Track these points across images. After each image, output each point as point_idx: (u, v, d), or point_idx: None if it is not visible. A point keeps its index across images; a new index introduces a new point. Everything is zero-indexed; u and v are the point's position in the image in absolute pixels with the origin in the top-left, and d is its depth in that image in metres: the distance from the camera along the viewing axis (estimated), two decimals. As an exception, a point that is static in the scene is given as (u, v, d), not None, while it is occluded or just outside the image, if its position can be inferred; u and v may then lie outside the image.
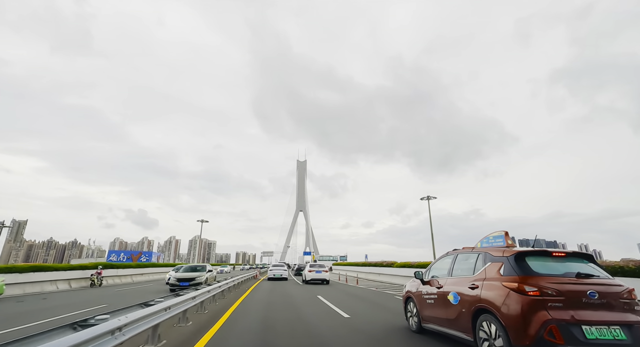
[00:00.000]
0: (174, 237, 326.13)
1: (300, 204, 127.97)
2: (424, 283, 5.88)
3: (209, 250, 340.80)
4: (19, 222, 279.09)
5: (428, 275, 5.91)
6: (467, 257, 5.01)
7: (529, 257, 4.00)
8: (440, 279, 5.43)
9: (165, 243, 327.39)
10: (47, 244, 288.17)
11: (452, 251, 5.56)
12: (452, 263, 5.23)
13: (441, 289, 5.14)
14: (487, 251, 4.52)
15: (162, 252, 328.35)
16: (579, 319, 3.38)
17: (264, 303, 10.25)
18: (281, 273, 24.05)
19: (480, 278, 4.30)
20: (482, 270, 4.36)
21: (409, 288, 6.49)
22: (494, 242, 4.93)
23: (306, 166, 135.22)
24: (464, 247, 5.40)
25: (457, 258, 5.18)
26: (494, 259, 4.27)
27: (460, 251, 5.24)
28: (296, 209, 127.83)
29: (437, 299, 5.25)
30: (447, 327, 4.92)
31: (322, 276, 19.75)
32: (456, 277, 4.96)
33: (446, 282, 5.10)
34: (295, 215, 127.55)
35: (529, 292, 3.60)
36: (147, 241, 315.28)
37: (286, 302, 10.45)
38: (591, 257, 4.06)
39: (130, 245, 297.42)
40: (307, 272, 20.28)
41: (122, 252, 59.52)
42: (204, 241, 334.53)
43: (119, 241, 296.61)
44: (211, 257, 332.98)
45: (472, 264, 4.71)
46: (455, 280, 4.92)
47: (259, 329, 6.27)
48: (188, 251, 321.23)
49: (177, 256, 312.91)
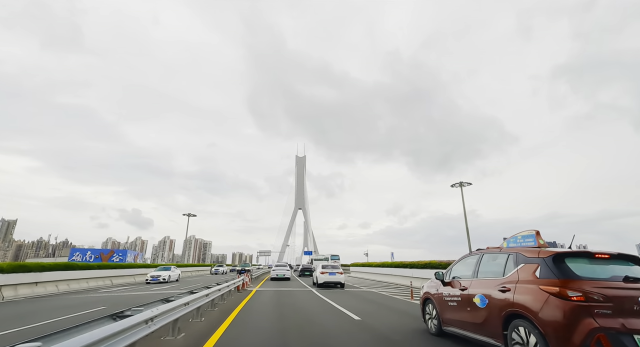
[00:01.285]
0: (169, 237, 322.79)
1: (300, 201, 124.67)
2: (444, 284, 5.66)
3: (204, 250, 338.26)
4: (8, 222, 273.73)
5: (449, 276, 5.70)
6: (494, 257, 4.79)
7: (568, 258, 3.79)
8: (463, 280, 5.21)
9: (159, 243, 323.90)
10: (37, 244, 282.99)
11: (476, 251, 5.35)
12: (476, 264, 5.01)
13: (466, 291, 4.92)
14: (518, 252, 4.30)
15: (157, 252, 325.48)
16: (631, 327, 3.13)
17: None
18: (284, 273, 25.01)
19: (512, 280, 4.08)
20: (514, 272, 4.14)
21: (427, 289, 6.27)
22: (523, 242, 4.72)
23: (305, 162, 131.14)
24: (488, 247, 5.19)
25: (483, 259, 4.96)
26: (527, 260, 4.05)
27: (486, 251, 5.02)
28: (295, 207, 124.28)
29: (460, 301, 5.03)
30: (472, 332, 4.70)
31: (336, 278, 17.73)
32: (483, 279, 4.74)
33: (471, 284, 4.88)
34: (294, 213, 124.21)
35: (572, 297, 3.37)
36: (141, 241, 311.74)
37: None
38: (638, 260, 3.86)
39: (123, 245, 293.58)
40: (320, 274, 18.02)
41: (89, 250, 50.75)
42: (199, 241, 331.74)
43: (111, 241, 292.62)
44: (207, 257, 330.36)
45: (500, 265, 4.49)
46: (481, 282, 4.70)
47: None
48: (183, 252, 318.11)
49: (172, 257, 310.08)
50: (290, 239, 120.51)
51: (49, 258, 70.47)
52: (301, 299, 12.09)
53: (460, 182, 29.05)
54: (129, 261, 48.57)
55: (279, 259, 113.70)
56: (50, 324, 7.08)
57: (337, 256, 59.92)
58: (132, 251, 59.04)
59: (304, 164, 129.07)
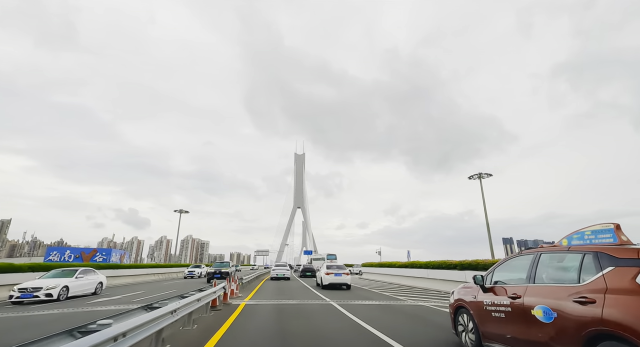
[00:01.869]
0: (165, 237, 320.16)
1: (299, 200, 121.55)
2: (485, 290, 4.66)
3: (201, 250, 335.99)
4: (2, 221, 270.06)
5: (490, 280, 4.70)
6: (558, 258, 3.79)
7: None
8: (512, 286, 4.22)
9: (156, 243, 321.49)
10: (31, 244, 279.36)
11: (526, 250, 4.35)
12: (532, 266, 4.01)
13: (519, 301, 3.92)
14: (600, 250, 3.29)
15: (153, 252, 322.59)
16: None
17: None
18: (284, 273, 25.19)
19: (597, 289, 3.08)
20: (598, 277, 3.14)
21: (460, 295, 5.26)
22: (595, 239, 3.72)
23: (304, 160, 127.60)
24: (542, 245, 4.19)
25: (541, 260, 3.96)
26: (620, 263, 3.05)
27: (545, 250, 4.02)
28: (294, 206, 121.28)
29: (510, 313, 4.03)
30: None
31: (342, 279, 16.70)
32: (544, 285, 3.74)
33: (526, 292, 3.88)
34: (293, 212, 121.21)
35: None
36: (137, 241, 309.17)
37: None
38: None
39: (119, 245, 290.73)
40: (324, 275, 16.89)
41: (69, 249, 45.60)
42: (196, 241, 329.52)
43: (107, 241, 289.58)
44: (204, 257, 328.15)
45: (573, 268, 3.49)
46: (543, 289, 3.70)
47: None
48: (180, 251, 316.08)
49: (168, 257, 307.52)
50: (289, 238, 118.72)
51: (24, 258, 66.70)
52: (320, 322, 7.32)
53: (480, 174, 27.47)
54: (113, 261, 43.73)
55: (277, 258, 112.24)
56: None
57: (334, 255, 58.66)
58: (117, 250, 52.89)
59: (303, 162, 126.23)
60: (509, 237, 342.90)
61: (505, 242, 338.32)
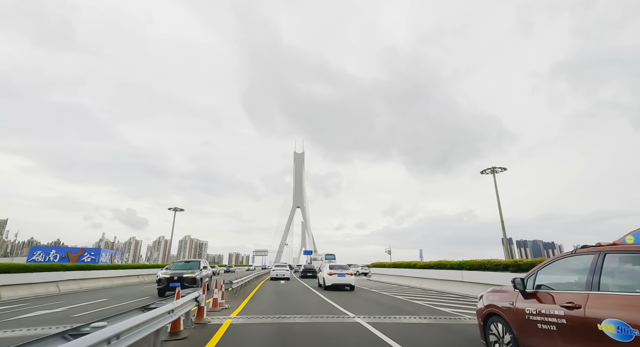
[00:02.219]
0: (163, 237, 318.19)
1: (298, 199, 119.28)
2: (526, 296, 3.91)
3: (200, 250, 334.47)
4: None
5: (532, 284, 3.96)
6: (632, 260, 3.05)
7: None
8: (563, 292, 3.48)
9: (154, 243, 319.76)
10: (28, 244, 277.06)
11: (581, 248, 3.60)
12: (593, 269, 3.26)
13: (578, 311, 3.18)
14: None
15: (151, 252, 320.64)
16: None
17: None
18: (283, 273, 25.53)
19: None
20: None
21: (492, 301, 4.51)
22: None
23: (304, 159, 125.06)
24: (600, 243, 3.45)
25: (606, 261, 3.21)
26: None
27: (610, 249, 3.27)
28: (293, 206, 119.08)
29: (566, 326, 3.28)
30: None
31: (346, 280, 16.08)
32: (614, 293, 3.00)
33: (588, 301, 3.14)
34: (292, 211, 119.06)
35: None
36: (135, 241, 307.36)
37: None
38: None
39: (116, 246, 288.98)
40: (327, 276, 16.15)
41: (54, 248, 43.50)
42: (194, 241, 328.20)
43: (104, 242, 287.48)
44: (202, 257, 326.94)
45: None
46: (614, 299, 2.96)
47: None
48: (178, 252, 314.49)
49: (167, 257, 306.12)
50: (288, 238, 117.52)
51: (7, 259, 63.80)
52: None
53: (493, 168, 26.46)
54: (103, 261, 41.77)
55: (276, 259, 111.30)
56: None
57: (333, 255, 58.03)
58: (108, 249, 49.84)
59: (302, 161, 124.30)
60: (509, 238, 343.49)
61: (504, 242, 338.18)
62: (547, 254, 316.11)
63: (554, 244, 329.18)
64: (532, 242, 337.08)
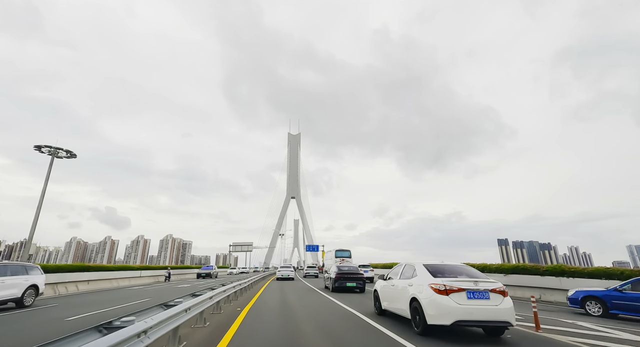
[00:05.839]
0: (142, 236, 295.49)
1: (293, 189, 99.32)
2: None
3: (183, 251, 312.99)
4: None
5: None
6: None
7: None
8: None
9: (132, 243, 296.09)
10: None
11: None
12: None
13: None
14: None
15: (129, 253, 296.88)
16: None
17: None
18: (288, 274, 27.74)
19: None
20: None
21: None
22: None
23: (300, 141, 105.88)
24: None
25: None
26: None
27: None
28: (287, 195, 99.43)
29: None
30: None
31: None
32: None
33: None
34: (286, 204, 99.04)
35: None
36: (111, 241, 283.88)
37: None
38: None
39: (90, 246, 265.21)
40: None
41: None
42: (177, 240, 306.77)
43: (76, 241, 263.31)
44: (186, 259, 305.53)
45: None
46: None
47: None
48: (158, 253, 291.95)
49: (147, 258, 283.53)
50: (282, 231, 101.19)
51: None
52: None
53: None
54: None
55: (266, 256, 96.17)
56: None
57: (348, 252, 42.02)
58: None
59: (298, 143, 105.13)
60: (504, 238, 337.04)
61: (500, 243, 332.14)
62: (543, 256, 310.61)
63: (550, 245, 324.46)
64: (528, 243, 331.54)
